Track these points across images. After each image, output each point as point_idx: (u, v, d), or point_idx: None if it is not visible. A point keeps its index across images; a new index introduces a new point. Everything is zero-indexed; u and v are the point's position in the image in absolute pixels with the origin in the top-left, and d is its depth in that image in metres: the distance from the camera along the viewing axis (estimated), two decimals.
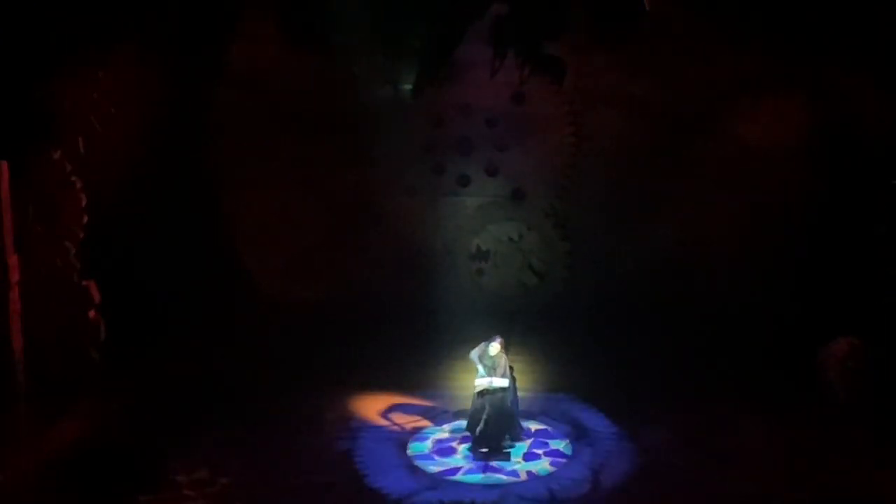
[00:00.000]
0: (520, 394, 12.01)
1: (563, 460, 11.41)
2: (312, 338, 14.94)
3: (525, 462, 11.33)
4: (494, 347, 11.55)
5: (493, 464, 11.26)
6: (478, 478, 10.95)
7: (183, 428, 11.80)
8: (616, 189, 16.22)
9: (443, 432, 12.08)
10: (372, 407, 12.87)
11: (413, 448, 11.69)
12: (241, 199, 15.75)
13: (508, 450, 11.48)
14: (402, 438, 11.97)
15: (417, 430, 12.23)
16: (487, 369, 11.50)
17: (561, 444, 11.82)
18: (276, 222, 16.01)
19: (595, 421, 12.52)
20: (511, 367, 11.74)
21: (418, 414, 12.70)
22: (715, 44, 14.44)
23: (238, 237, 15.89)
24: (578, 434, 12.10)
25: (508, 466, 11.22)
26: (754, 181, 15.35)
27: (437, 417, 12.57)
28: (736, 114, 14.99)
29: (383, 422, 12.46)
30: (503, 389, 11.50)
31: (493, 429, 11.49)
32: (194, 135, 14.94)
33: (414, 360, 14.33)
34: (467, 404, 11.97)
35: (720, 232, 15.47)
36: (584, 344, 14.94)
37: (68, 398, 12.24)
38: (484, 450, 11.47)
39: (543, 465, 11.28)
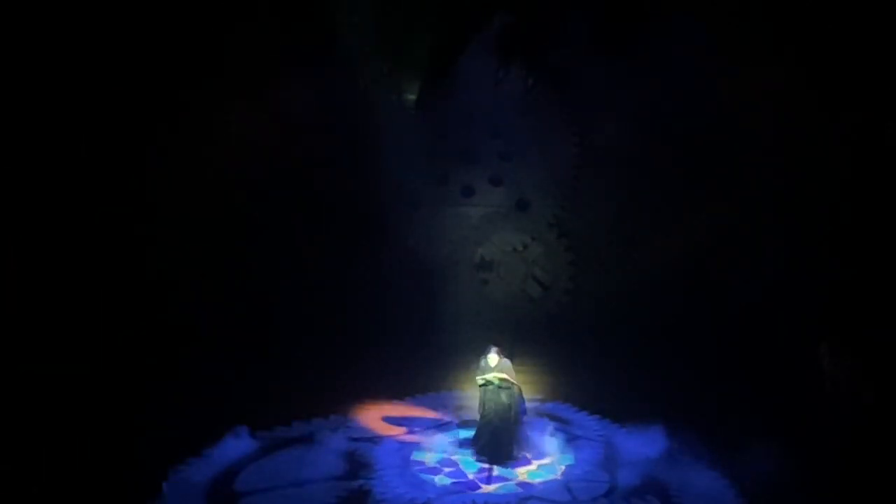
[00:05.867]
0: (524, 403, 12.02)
1: (566, 469, 11.38)
2: (316, 348, 14.92)
3: (527, 471, 11.31)
4: (493, 358, 11.50)
5: (497, 473, 11.23)
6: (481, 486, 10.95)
7: (186, 436, 11.78)
8: (620, 199, 16.24)
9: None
10: (376, 417, 12.85)
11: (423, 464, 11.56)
12: (245, 209, 15.76)
13: (512, 460, 11.46)
14: (407, 448, 11.95)
15: (422, 439, 12.22)
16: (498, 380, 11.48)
17: (563, 453, 11.80)
18: (279, 232, 16.00)
19: (598, 430, 12.51)
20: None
21: (422, 424, 12.68)
22: (719, 54, 14.47)
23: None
24: (581, 442, 12.08)
25: (512, 476, 11.20)
26: (758, 192, 15.33)
27: (442, 427, 12.55)
28: (738, 123, 14.99)
29: (387, 432, 12.44)
30: (509, 396, 11.45)
31: (498, 438, 11.46)
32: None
33: (418, 370, 14.32)
34: (472, 414, 11.98)
35: (723, 243, 15.45)
36: (587, 353, 14.93)
37: (69, 399, 12.26)
38: (488, 459, 11.45)
39: (546, 474, 11.25)
